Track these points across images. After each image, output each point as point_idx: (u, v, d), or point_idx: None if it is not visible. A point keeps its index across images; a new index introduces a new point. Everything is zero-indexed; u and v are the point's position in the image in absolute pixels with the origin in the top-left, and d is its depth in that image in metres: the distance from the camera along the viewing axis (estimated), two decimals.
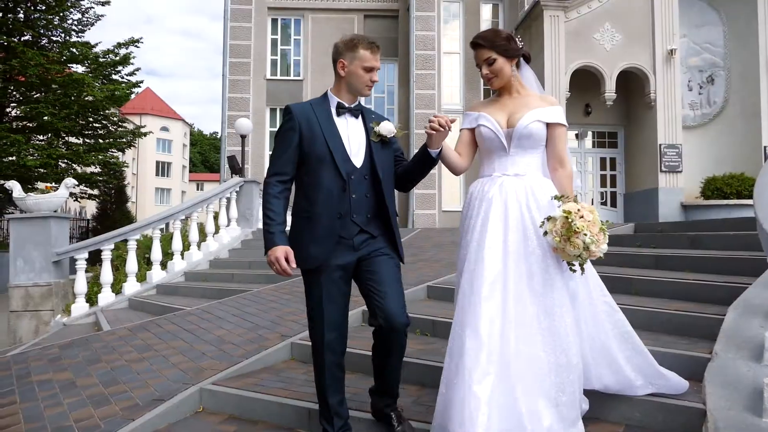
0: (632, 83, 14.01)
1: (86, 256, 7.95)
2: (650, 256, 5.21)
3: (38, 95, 17.39)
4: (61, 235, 7.97)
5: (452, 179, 15.34)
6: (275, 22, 17.32)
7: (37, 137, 18.12)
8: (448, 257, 6.85)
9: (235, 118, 15.08)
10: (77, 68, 18.85)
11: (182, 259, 8.67)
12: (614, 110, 14.37)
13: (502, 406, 2.08)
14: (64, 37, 18.83)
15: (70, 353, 4.72)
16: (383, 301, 2.39)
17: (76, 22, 18.98)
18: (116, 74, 19.46)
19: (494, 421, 2.05)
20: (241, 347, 3.97)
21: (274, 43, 17.29)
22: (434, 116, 2.35)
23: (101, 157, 18.90)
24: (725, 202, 12.80)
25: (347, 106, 2.52)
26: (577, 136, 14.92)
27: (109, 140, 19.58)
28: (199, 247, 9.02)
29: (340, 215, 2.42)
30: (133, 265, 8.11)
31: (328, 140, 2.43)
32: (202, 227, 9.53)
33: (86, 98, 17.44)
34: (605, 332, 2.43)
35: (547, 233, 2.22)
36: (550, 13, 13.40)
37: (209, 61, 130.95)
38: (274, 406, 3.01)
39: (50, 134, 17.84)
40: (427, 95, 15.76)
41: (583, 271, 2.23)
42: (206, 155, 67.51)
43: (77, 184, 16.25)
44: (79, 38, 19.01)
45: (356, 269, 2.50)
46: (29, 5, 17.64)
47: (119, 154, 22.08)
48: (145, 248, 9.07)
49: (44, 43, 18.42)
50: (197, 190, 53.27)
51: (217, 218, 9.61)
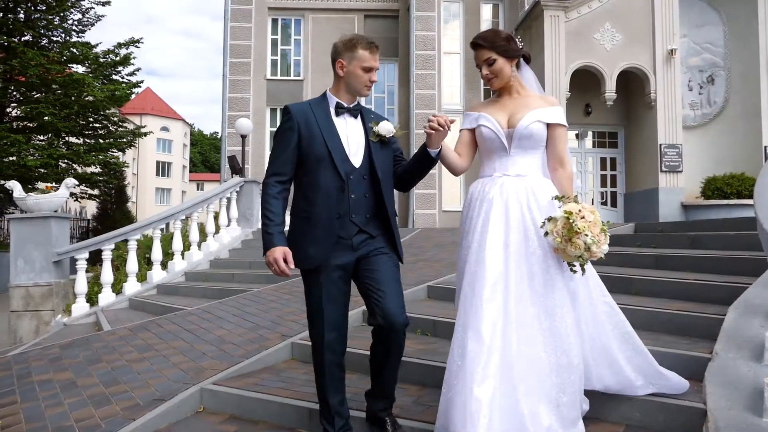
0: (632, 83, 14.01)
1: (87, 256, 7.97)
2: (650, 256, 5.21)
3: (38, 95, 17.39)
4: (61, 235, 7.98)
5: (452, 179, 15.33)
6: (275, 22, 17.32)
7: (37, 137, 18.13)
8: (448, 257, 6.85)
9: (235, 118, 15.09)
10: (77, 68, 18.85)
11: (183, 259, 8.67)
12: (614, 110, 14.37)
13: (503, 407, 2.08)
14: (64, 37, 18.85)
15: (70, 353, 4.73)
16: (382, 300, 2.38)
17: (76, 22, 19.00)
18: (116, 74, 19.47)
19: (496, 422, 2.05)
20: (241, 347, 3.98)
21: (274, 43, 17.30)
22: (433, 116, 2.35)
23: (101, 157, 18.90)
24: (725, 202, 12.79)
25: (346, 106, 2.51)
26: (577, 136, 14.91)
27: (109, 140, 19.58)
28: (199, 247, 9.03)
29: (338, 215, 2.41)
30: (133, 265, 8.12)
31: (326, 140, 2.42)
32: (202, 227, 9.53)
33: (86, 98, 17.45)
34: (605, 333, 2.43)
35: (548, 234, 2.21)
36: (550, 13, 13.39)
37: (209, 61, 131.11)
38: (274, 406, 3.01)
39: (50, 134, 17.85)
40: (427, 95, 15.76)
41: (584, 271, 2.23)
42: (206, 155, 67.53)
43: (77, 184, 16.26)
44: (79, 38, 19.03)
45: (355, 269, 2.49)
46: (30, 5, 17.65)
47: (119, 154, 22.09)
48: (145, 248, 9.08)
49: (44, 43, 18.43)
50: (197, 190, 53.28)
51: (217, 218, 9.61)
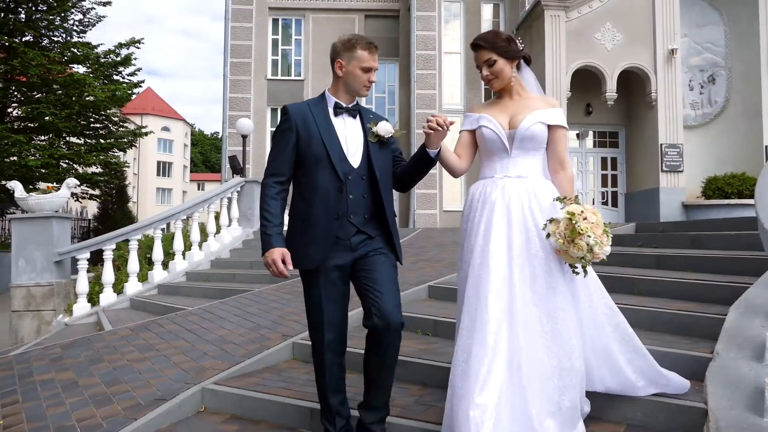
0: (633, 83, 14.01)
1: (88, 256, 7.98)
2: (652, 255, 5.21)
3: (39, 95, 17.40)
4: (62, 235, 7.98)
5: (453, 179, 15.15)
6: (276, 22, 17.33)
7: (38, 137, 18.14)
8: (449, 257, 6.85)
9: (236, 118, 15.11)
10: (78, 68, 18.86)
11: (183, 259, 8.68)
12: (615, 110, 14.37)
13: (510, 410, 2.08)
14: (65, 37, 18.86)
15: (72, 353, 4.73)
16: (379, 300, 2.36)
17: (77, 22, 18.99)
18: (117, 74, 19.48)
19: (505, 423, 2.05)
20: (242, 347, 3.98)
21: (275, 43, 17.30)
22: (432, 116, 2.34)
23: (102, 157, 18.92)
24: (726, 201, 12.79)
25: (345, 106, 2.50)
26: (578, 135, 14.91)
27: (110, 140, 19.59)
28: (200, 247, 9.04)
29: (337, 216, 2.40)
30: (134, 265, 8.12)
31: (324, 140, 2.41)
32: (203, 227, 9.54)
33: (87, 98, 17.45)
34: (606, 334, 2.42)
35: (549, 235, 2.20)
36: (551, 12, 13.39)
37: (210, 61, 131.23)
38: (276, 405, 3.02)
39: (51, 134, 17.86)
40: (427, 95, 15.76)
41: (585, 273, 2.22)
42: (207, 155, 67.56)
43: (79, 184, 16.26)
44: (80, 39, 19.04)
45: (352, 269, 2.47)
46: (30, 5, 17.65)
47: (120, 154, 22.11)
48: (146, 248, 9.08)
49: (45, 43, 18.44)
50: (198, 190, 53.32)
51: (218, 218, 9.62)
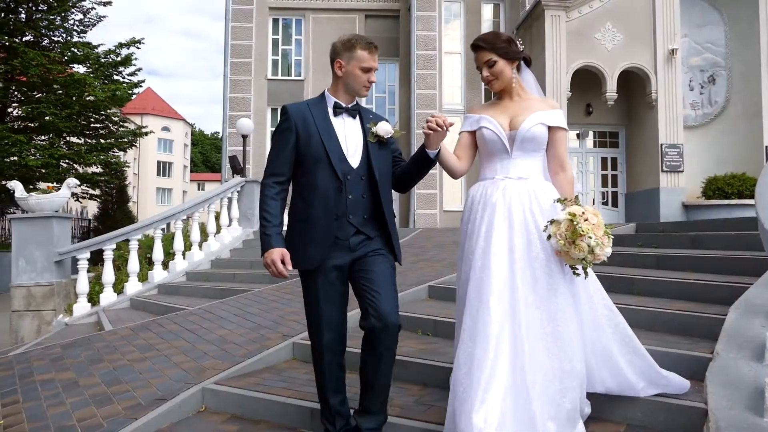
0: (633, 83, 14.00)
1: (88, 255, 7.99)
2: (652, 256, 5.21)
3: (40, 95, 17.42)
4: (62, 234, 7.98)
5: (453, 179, 15.32)
6: (276, 22, 17.33)
7: (38, 137, 18.15)
8: (449, 257, 6.85)
9: (236, 118, 15.11)
10: (79, 68, 18.88)
11: (184, 258, 8.68)
12: (615, 110, 14.37)
13: (513, 412, 2.08)
14: (65, 37, 18.87)
15: (72, 353, 4.73)
16: (376, 300, 2.35)
17: (77, 22, 19.02)
18: (117, 74, 19.49)
19: (509, 425, 2.05)
20: (243, 347, 3.98)
21: (275, 43, 17.30)
22: (432, 116, 2.33)
23: (102, 157, 18.93)
24: (726, 202, 12.79)
25: (344, 106, 2.49)
26: (578, 135, 14.91)
27: (110, 140, 19.61)
28: (200, 246, 9.04)
29: (336, 216, 2.40)
30: (134, 264, 8.12)
31: (324, 140, 2.41)
32: (203, 227, 9.54)
33: (87, 98, 17.47)
34: (606, 336, 2.42)
35: (550, 237, 2.19)
36: (551, 12, 13.39)
37: (210, 61, 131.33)
38: (276, 405, 3.02)
39: (52, 134, 17.88)
40: (428, 95, 15.76)
41: (586, 275, 2.22)
42: (207, 155, 67.57)
43: (79, 184, 16.28)
44: (80, 38, 19.05)
45: (351, 269, 2.47)
46: (31, 5, 17.66)
47: (120, 154, 22.12)
48: (146, 248, 9.09)
49: (46, 43, 18.45)
50: (198, 190, 53.33)
51: (218, 218, 9.62)
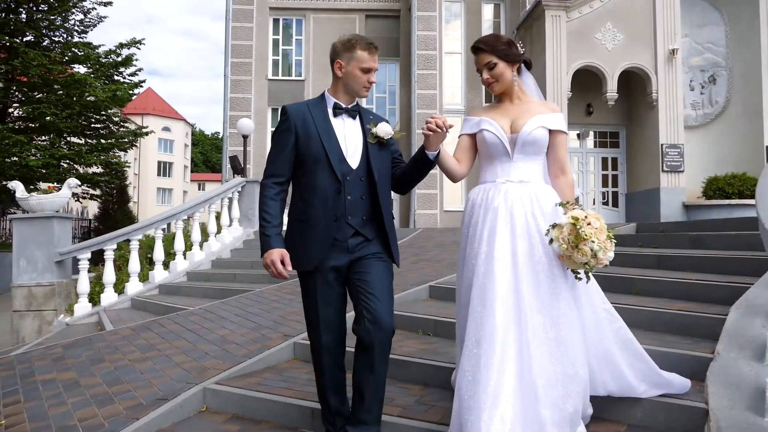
0: (634, 83, 14.00)
1: (89, 256, 7.99)
2: (652, 256, 5.21)
3: (40, 95, 17.43)
4: (63, 235, 7.99)
5: None
6: (277, 22, 17.33)
7: (39, 137, 18.16)
8: (449, 257, 6.86)
9: (236, 118, 15.11)
10: (79, 69, 18.89)
11: (184, 259, 8.69)
12: (616, 110, 14.37)
13: (522, 417, 2.08)
14: (66, 37, 18.89)
15: (73, 353, 4.74)
16: (372, 303, 2.34)
17: (78, 22, 19.04)
18: (118, 75, 19.50)
19: (517, 428, 2.05)
20: (244, 347, 3.98)
21: (275, 43, 17.30)
22: (431, 117, 2.33)
23: (103, 157, 18.95)
24: (727, 202, 12.78)
25: (344, 106, 2.49)
26: (578, 136, 14.90)
27: (111, 140, 19.63)
28: (201, 247, 9.04)
29: (335, 217, 2.39)
30: (135, 265, 8.13)
31: (323, 141, 2.40)
32: (204, 227, 9.55)
33: (88, 98, 17.48)
34: (607, 339, 2.42)
35: (552, 241, 2.18)
36: (551, 12, 13.39)
37: (211, 61, 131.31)
38: (277, 405, 3.02)
39: (52, 134, 17.89)
40: (428, 95, 15.76)
41: (588, 279, 2.21)
42: (208, 155, 67.59)
43: (79, 184, 16.27)
44: (81, 39, 19.06)
45: (348, 270, 2.46)
46: (31, 6, 17.67)
47: (121, 154, 22.12)
48: (147, 248, 9.09)
49: (46, 43, 18.47)
50: (199, 190, 53.34)
51: (219, 218, 9.63)
